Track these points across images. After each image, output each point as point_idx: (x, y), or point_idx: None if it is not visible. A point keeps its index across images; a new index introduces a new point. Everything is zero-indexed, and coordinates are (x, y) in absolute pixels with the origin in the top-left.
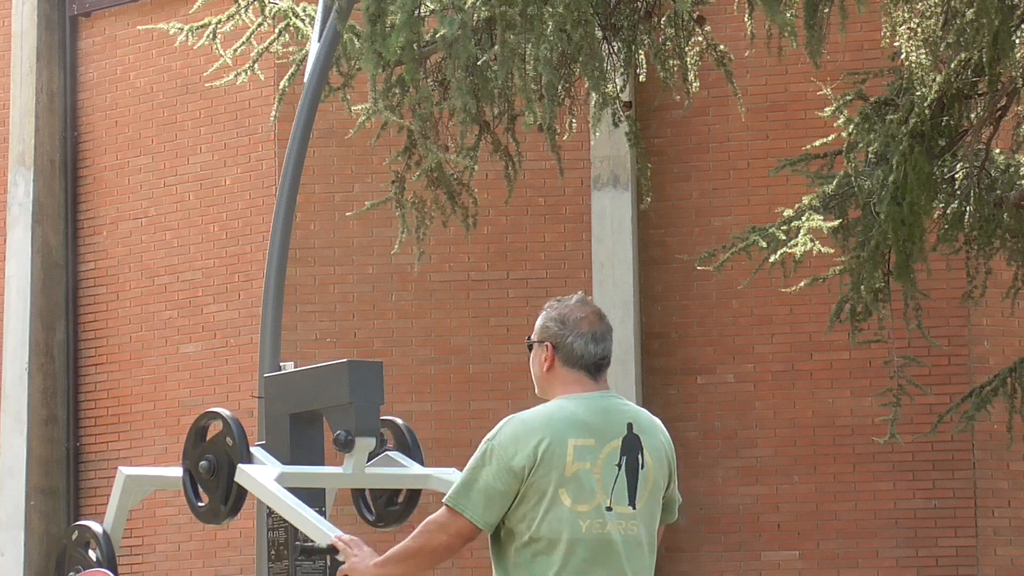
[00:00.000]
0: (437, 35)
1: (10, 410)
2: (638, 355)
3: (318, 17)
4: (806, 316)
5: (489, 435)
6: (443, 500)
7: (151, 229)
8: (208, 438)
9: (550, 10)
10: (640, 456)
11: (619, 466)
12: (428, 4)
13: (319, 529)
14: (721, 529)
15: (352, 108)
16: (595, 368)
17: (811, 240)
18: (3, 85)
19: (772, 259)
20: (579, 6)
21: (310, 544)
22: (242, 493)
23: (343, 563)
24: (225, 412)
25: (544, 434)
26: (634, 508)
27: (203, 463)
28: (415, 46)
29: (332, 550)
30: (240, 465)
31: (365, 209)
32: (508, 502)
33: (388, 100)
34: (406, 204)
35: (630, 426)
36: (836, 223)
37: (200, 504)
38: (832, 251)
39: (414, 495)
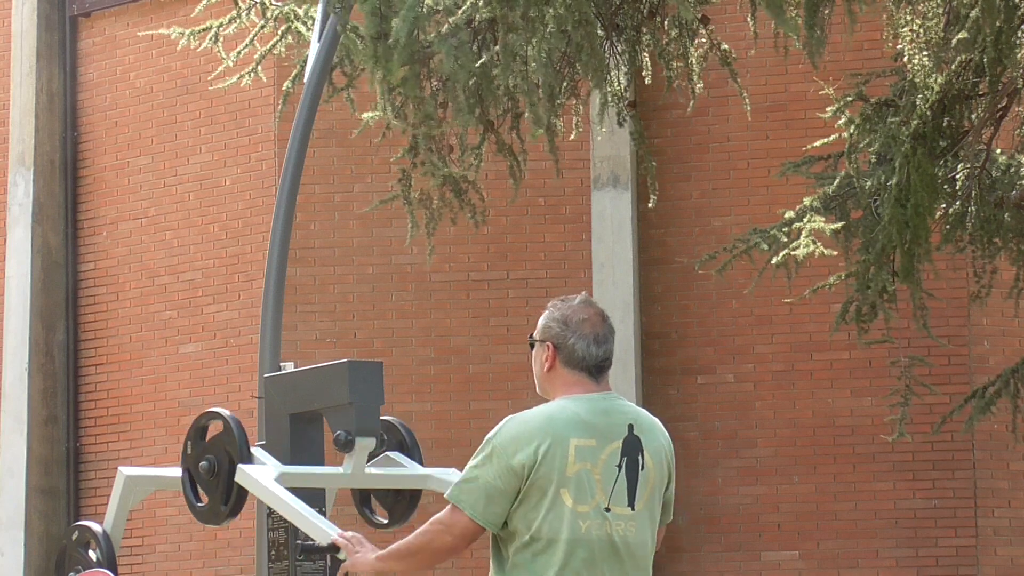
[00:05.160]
0: (435, 41)
1: (10, 410)
2: (638, 355)
3: (318, 17)
4: (806, 316)
5: (490, 434)
6: (445, 496)
7: (151, 229)
8: (208, 438)
9: (551, 11)
10: (640, 457)
11: (619, 467)
12: (429, 3)
13: (320, 528)
14: (721, 529)
15: (362, 116)
16: (596, 370)
17: (813, 242)
18: (3, 85)
19: (774, 261)
20: (580, 6)
21: (311, 543)
22: (242, 494)
23: (344, 560)
24: (225, 412)
25: (545, 434)
26: (633, 509)
27: (203, 463)
28: (418, 51)
29: (334, 548)
30: (240, 465)
31: (374, 206)
32: (510, 501)
33: (392, 101)
34: (414, 201)
35: (631, 427)
36: (838, 225)
37: (200, 504)
38: (835, 253)
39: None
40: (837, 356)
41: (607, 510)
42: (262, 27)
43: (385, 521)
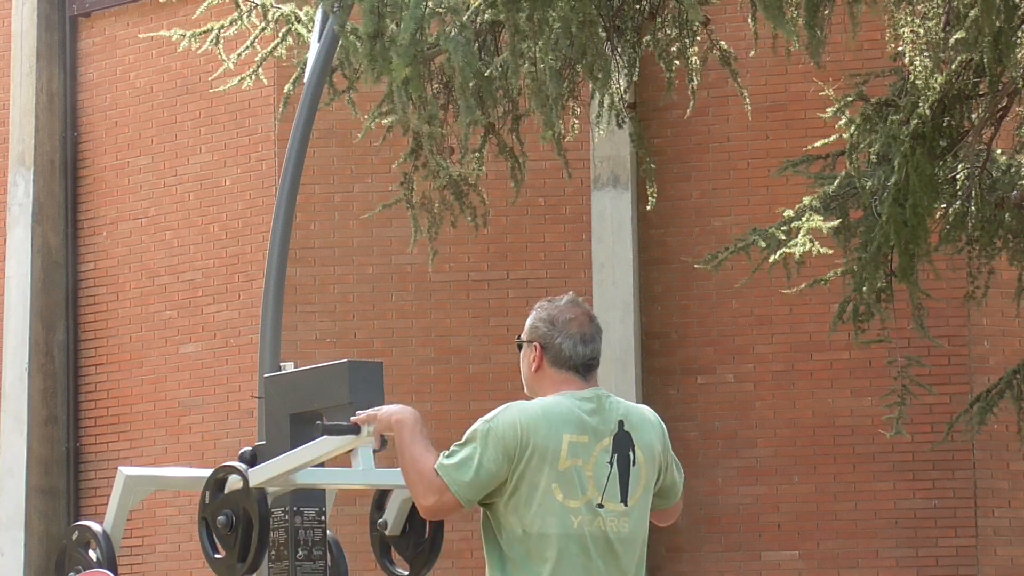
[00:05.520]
0: (439, 40)
1: (10, 410)
2: (638, 355)
3: (318, 18)
4: (806, 316)
5: (487, 417)
6: (435, 467)
7: (151, 229)
8: (227, 490)
9: (554, 14)
10: (631, 453)
11: (611, 463)
12: (431, 5)
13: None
14: (721, 529)
15: (372, 118)
16: (584, 369)
17: (810, 240)
18: (3, 85)
19: (772, 259)
20: (584, 8)
21: (332, 424)
22: (261, 550)
23: (370, 434)
24: (242, 467)
25: (541, 426)
26: (627, 505)
27: (221, 518)
28: (420, 52)
29: (356, 428)
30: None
31: (378, 210)
32: (495, 484)
33: (400, 101)
34: (416, 205)
35: (621, 423)
36: (836, 223)
37: (217, 556)
38: (831, 251)
39: (437, 534)
40: (837, 356)
41: (600, 506)
42: (263, 29)
43: (406, 573)
